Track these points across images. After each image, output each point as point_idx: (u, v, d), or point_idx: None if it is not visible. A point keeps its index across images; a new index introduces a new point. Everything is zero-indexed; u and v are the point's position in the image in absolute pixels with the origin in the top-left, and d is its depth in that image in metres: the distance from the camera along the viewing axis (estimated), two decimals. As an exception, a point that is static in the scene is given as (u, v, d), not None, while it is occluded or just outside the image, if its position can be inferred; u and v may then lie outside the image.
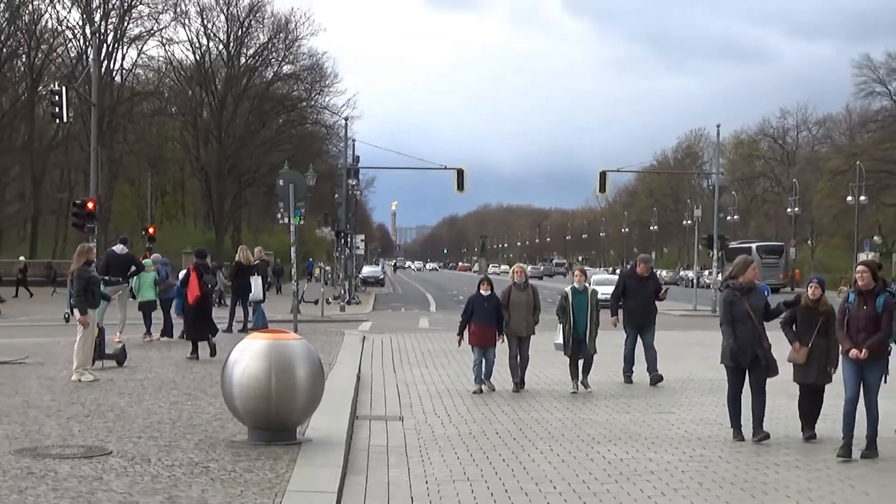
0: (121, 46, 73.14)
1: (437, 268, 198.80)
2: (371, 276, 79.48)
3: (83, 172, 60.12)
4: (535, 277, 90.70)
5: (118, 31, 72.20)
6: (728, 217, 78.40)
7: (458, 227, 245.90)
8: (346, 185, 58.80)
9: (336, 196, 64.03)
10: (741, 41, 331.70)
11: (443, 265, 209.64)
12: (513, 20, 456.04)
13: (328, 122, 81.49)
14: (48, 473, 8.44)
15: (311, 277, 69.01)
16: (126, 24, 72.37)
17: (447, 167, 55.95)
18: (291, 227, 26.83)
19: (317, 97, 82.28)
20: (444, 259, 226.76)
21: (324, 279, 51.80)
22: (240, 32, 76.79)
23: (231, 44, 76.75)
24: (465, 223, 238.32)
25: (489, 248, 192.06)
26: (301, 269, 46.84)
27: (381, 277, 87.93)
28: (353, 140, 60.02)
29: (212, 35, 76.42)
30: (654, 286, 16.64)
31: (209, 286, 20.11)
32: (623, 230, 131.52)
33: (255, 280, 23.64)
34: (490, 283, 15.52)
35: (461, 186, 54.32)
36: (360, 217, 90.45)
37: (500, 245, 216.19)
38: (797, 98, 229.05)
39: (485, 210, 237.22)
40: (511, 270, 16.41)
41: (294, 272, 27.81)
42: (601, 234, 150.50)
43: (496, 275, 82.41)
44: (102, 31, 70.56)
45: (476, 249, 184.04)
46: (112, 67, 71.92)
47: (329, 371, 13.72)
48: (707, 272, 63.78)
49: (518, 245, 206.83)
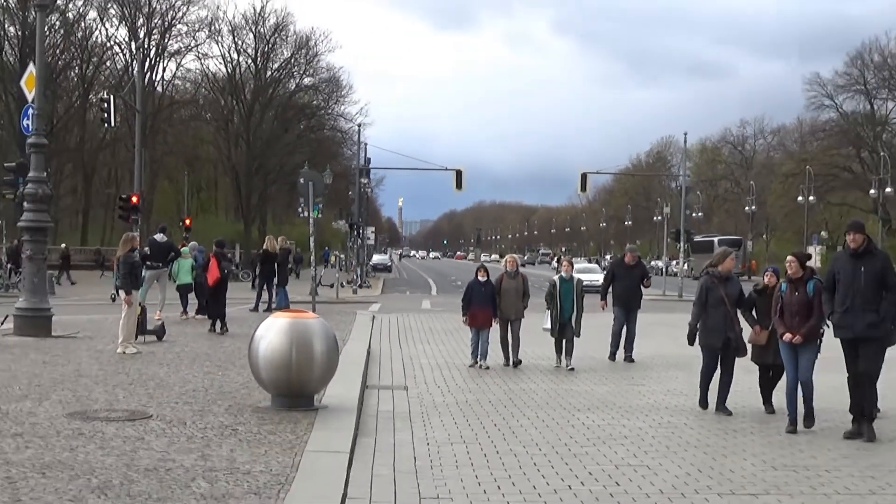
0: (162, 60, 73.23)
1: (439, 257, 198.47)
2: (380, 264, 79.48)
3: (128, 170, 59.94)
4: (523, 265, 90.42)
5: (160, 47, 72.27)
6: (693, 214, 78.35)
7: (457, 221, 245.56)
8: (359, 184, 58.84)
9: (350, 193, 64.04)
10: (706, 60, 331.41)
11: (443, 255, 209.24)
12: (506, 40, 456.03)
13: (343, 128, 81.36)
14: (96, 434, 8.44)
15: (328, 264, 69.03)
16: (167, 41, 72.41)
17: (447, 168, 56.03)
18: (311, 220, 26.77)
19: (333, 106, 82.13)
20: (444, 249, 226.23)
21: (338, 266, 51.80)
22: (266, 49, 76.55)
23: (259, 58, 76.52)
24: (463, 217, 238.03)
25: (484, 240, 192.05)
26: (319, 257, 46.76)
27: (389, 265, 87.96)
28: (365, 144, 60.03)
29: (242, 51, 76.25)
30: (640, 273, 16.46)
31: (226, 272, 20.22)
32: (601, 225, 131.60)
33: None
34: (486, 271, 15.51)
35: (459, 185, 54.35)
36: (371, 211, 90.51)
37: (494, 237, 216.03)
38: (755, 110, 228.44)
39: (480, 206, 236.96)
40: (504, 260, 16.33)
41: (313, 259, 27.79)
42: (582, 228, 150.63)
43: (488, 262, 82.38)
44: (146, 47, 70.77)
45: (472, 241, 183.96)
46: (154, 78, 71.89)
47: (343, 346, 13.72)
48: (675, 262, 63.83)
49: (509, 237, 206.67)
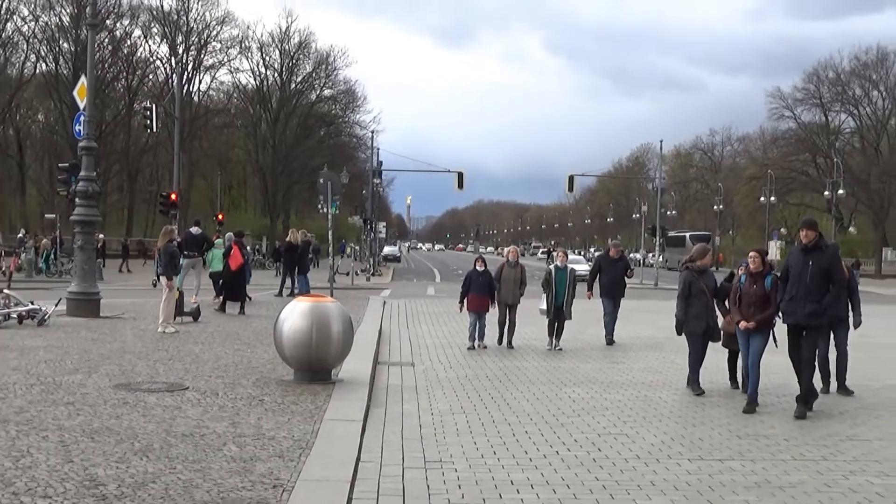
0: (198, 73, 73.39)
1: (443, 248, 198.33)
2: (390, 255, 79.37)
3: (168, 171, 60.01)
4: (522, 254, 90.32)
5: (196, 62, 72.43)
6: (668, 212, 78.16)
7: (458, 218, 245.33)
8: (372, 184, 58.90)
9: (364, 192, 64.10)
10: (680, 76, 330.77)
11: (446, 247, 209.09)
12: (502, 57, 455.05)
13: (358, 135, 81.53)
14: (139, 403, 8.44)
15: (344, 255, 68.92)
16: (202, 56, 72.61)
17: (450, 170, 55.92)
18: (329, 216, 26.83)
19: (349, 115, 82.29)
20: (447, 242, 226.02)
21: (354, 256, 51.82)
22: (291, 64, 76.57)
23: (284, 72, 76.53)
24: (464, 214, 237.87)
25: (482, 234, 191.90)
26: (336, 249, 46.76)
27: (399, 255, 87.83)
28: (378, 148, 60.11)
29: (269, 65, 76.32)
30: (624, 265, 16.34)
31: (246, 258, 20.37)
32: (586, 221, 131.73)
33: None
34: (484, 262, 15.41)
35: (461, 185, 54.27)
36: (382, 208, 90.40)
37: (491, 232, 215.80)
38: (722, 120, 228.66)
39: (479, 204, 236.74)
40: (506, 251, 16.18)
41: (331, 250, 27.88)
42: (569, 224, 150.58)
43: (485, 254, 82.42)
44: (184, 62, 70.82)
45: (472, 235, 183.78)
46: (191, 89, 72.07)
47: (357, 327, 13.71)
48: (651, 255, 63.73)
49: (504, 232, 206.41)
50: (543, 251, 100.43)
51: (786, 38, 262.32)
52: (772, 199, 66.48)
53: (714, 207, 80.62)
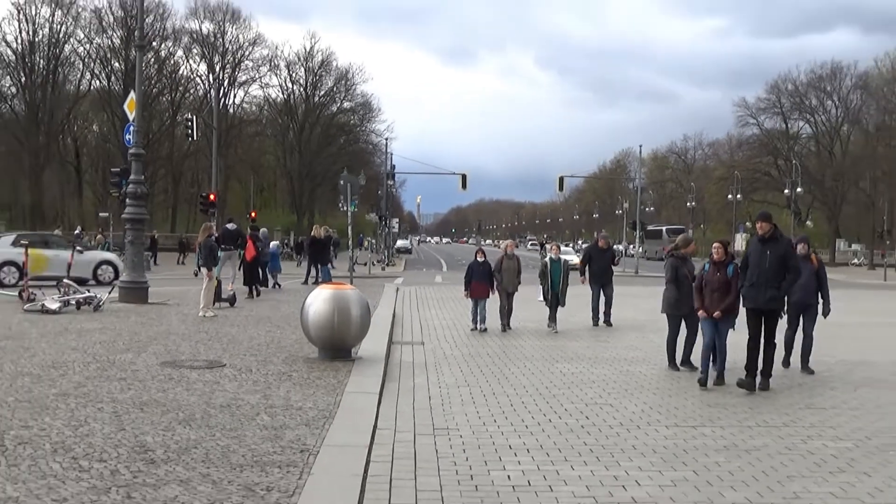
0: (233, 88, 73.39)
1: (450, 241, 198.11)
2: (403, 247, 79.52)
3: (207, 174, 59.93)
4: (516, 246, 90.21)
5: (231, 78, 72.48)
6: (647, 209, 77.90)
7: (462, 214, 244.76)
8: (386, 185, 58.81)
9: (379, 192, 63.95)
10: (656, 88, 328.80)
11: (451, 240, 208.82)
12: (500, 73, 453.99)
13: (374, 142, 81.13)
14: (182, 378, 8.46)
15: (362, 248, 68.94)
16: (237, 74, 72.66)
17: (455, 172, 55.95)
18: (349, 213, 26.80)
19: (366, 124, 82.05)
20: (452, 236, 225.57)
21: (370, 249, 51.77)
22: (314, 79, 76.48)
23: (308, 87, 76.43)
24: (467, 211, 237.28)
25: (483, 229, 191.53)
26: (355, 242, 46.83)
27: (410, 248, 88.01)
28: (391, 154, 60.25)
29: (295, 81, 76.24)
30: (611, 255, 16.25)
31: (259, 250, 20.90)
32: (575, 217, 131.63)
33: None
34: (484, 253, 15.37)
35: (464, 186, 54.30)
36: (395, 206, 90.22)
37: (491, 227, 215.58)
38: (694, 127, 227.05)
39: (480, 202, 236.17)
40: (504, 245, 16.10)
41: (350, 244, 27.78)
42: (560, 220, 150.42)
43: (483, 245, 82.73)
44: (220, 78, 70.83)
45: (474, 230, 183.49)
46: (227, 103, 72.03)
47: (374, 311, 13.72)
48: (631, 246, 63.58)
49: (503, 227, 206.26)
50: (533, 243, 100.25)
51: (749, 54, 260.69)
52: (738, 197, 66.38)
53: (687, 204, 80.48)
